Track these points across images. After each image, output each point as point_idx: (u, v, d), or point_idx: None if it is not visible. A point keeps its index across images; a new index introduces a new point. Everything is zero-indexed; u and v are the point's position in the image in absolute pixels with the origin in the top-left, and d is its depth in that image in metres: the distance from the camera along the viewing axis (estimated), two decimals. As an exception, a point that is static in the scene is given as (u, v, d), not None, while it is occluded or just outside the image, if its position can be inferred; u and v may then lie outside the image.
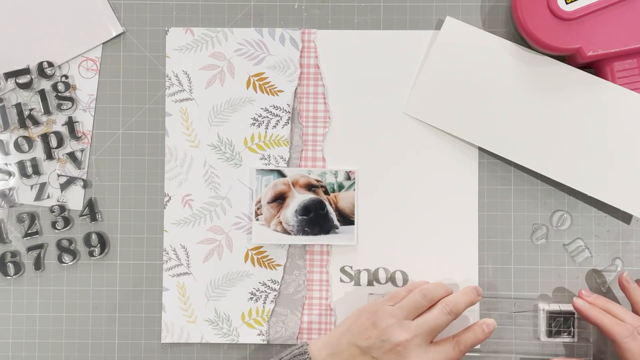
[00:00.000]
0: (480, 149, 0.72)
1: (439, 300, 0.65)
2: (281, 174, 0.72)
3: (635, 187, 0.69)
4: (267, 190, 0.72)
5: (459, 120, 0.71)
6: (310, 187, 0.72)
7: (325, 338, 0.66)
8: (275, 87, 0.73)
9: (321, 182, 0.72)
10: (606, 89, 0.69)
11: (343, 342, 0.64)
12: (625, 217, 0.72)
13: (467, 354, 0.68)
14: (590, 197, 0.70)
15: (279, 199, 0.72)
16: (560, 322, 0.70)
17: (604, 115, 0.69)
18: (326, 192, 0.72)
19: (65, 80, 0.73)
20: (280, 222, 0.72)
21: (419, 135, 0.72)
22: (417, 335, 0.63)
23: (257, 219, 0.72)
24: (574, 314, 0.70)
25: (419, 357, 0.62)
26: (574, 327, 0.70)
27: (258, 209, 0.72)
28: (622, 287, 0.69)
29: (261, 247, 0.73)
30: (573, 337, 0.70)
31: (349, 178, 0.72)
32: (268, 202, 0.72)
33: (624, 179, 0.69)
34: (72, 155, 0.73)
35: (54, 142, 0.73)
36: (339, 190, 0.72)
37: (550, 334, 0.70)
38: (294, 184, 0.72)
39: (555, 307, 0.70)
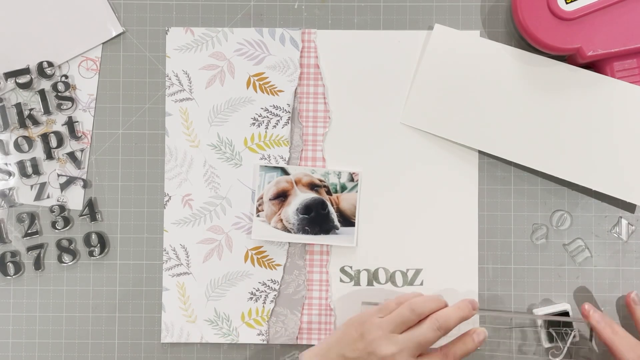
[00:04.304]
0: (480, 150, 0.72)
1: (430, 314, 0.64)
2: (285, 171, 0.72)
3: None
4: (269, 187, 0.72)
5: (458, 127, 0.71)
6: (312, 186, 0.72)
7: (316, 348, 0.66)
8: (275, 87, 0.73)
9: (324, 182, 0.72)
10: (606, 84, 0.69)
11: (332, 353, 0.64)
12: (626, 217, 0.72)
13: None
14: (590, 197, 0.70)
15: (281, 197, 0.72)
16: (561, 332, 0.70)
17: (606, 110, 0.69)
18: (328, 193, 0.72)
19: (65, 80, 0.73)
20: (281, 220, 0.71)
21: (419, 135, 0.72)
22: (404, 349, 0.62)
23: (258, 215, 0.72)
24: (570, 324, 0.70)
25: None
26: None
27: (260, 205, 0.72)
28: (629, 306, 0.69)
29: (261, 247, 0.73)
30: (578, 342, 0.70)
31: (352, 180, 0.72)
32: (270, 199, 0.72)
33: (630, 172, 0.69)
34: (72, 155, 0.73)
35: (53, 142, 0.73)
36: (342, 192, 0.72)
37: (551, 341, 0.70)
38: (297, 182, 0.72)
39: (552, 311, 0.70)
